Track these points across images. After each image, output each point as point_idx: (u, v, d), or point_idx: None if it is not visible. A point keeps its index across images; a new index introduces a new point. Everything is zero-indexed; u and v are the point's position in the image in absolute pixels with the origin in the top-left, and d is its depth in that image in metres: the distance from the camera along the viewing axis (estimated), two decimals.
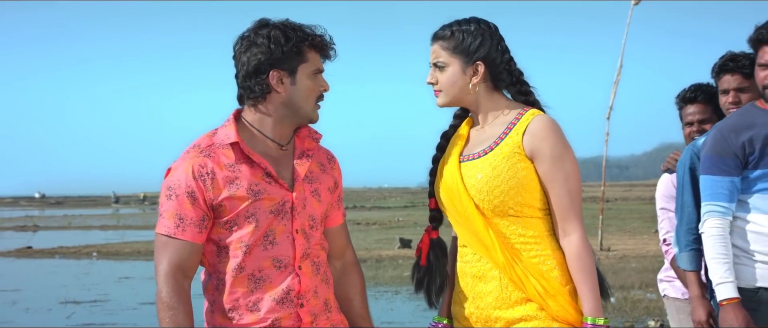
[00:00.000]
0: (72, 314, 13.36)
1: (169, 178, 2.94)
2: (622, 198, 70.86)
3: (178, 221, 2.91)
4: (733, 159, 3.58)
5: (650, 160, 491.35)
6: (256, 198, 2.92)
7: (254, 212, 2.92)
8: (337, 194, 3.15)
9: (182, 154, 2.98)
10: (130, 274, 19.33)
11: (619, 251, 20.66)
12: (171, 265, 2.92)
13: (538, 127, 2.98)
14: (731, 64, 4.00)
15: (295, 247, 2.97)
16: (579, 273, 2.95)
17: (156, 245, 2.97)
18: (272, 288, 2.95)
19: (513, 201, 2.97)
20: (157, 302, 2.93)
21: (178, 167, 2.94)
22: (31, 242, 29.70)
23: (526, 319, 2.96)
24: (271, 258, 2.95)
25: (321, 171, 3.09)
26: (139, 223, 47.01)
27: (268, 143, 3.00)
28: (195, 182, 2.90)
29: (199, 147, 2.95)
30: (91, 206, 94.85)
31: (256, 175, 2.94)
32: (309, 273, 3.00)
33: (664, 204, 4.48)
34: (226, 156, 2.93)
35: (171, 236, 2.91)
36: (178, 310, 2.89)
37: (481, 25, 3.07)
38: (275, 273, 2.95)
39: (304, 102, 2.97)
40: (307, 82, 2.97)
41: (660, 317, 10.86)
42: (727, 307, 3.54)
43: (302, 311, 2.98)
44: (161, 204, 2.95)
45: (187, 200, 2.90)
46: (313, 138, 3.09)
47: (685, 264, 3.95)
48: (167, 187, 2.93)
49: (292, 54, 2.93)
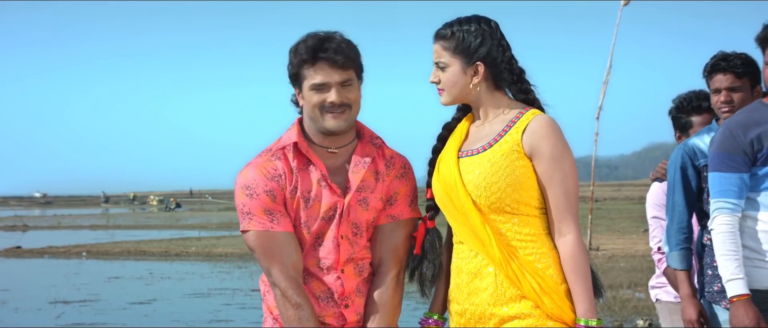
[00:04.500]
0: (61, 314, 13.32)
1: (244, 179, 3.09)
2: (611, 198, 71.00)
3: (270, 215, 3.05)
4: (741, 156, 3.58)
5: (639, 160, 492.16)
6: (311, 204, 3.07)
7: (308, 217, 3.08)
8: (398, 201, 3.21)
9: (254, 157, 3.15)
10: (120, 274, 19.29)
11: (608, 251, 20.71)
12: (284, 263, 3.03)
13: (539, 127, 3.00)
14: (723, 63, 4.00)
15: (340, 251, 3.10)
16: (573, 273, 2.97)
17: (256, 244, 3.06)
18: (317, 287, 3.10)
19: (510, 198, 2.98)
20: (280, 301, 3.02)
21: (251, 169, 3.10)
22: (20, 241, 29.57)
23: (521, 316, 2.97)
24: (316, 259, 3.10)
25: (375, 180, 3.18)
26: (129, 222, 46.92)
27: (321, 149, 3.15)
28: (271, 182, 3.06)
29: (270, 151, 3.13)
30: (80, 205, 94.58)
31: (313, 179, 3.09)
32: (352, 275, 3.13)
33: (655, 213, 4.49)
34: (291, 160, 3.10)
35: (269, 230, 3.04)
36: (305, 308, 3.01)
37: (481, 25, 3.07)
38: (319, 273, 3.10)
39: (312, 113, 3.11)
40: (308, 96, 3.11)
41: (649, 317, 10.90)
42: (738, 304, 3.53)
43: (347, 311, 3.11)
44: (244, 204, 3.07)
45: (268, 198, 3.05)
46: (373, 143, 3.21)
47: (676, 263, 3.96)
48: (245, 186, 3.07)
49: (294, 72, 3.12)
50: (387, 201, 3.18)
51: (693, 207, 3.96)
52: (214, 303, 14.21)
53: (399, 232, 3.19)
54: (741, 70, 3.97)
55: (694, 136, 4.00)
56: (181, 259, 22.86)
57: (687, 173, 3.92)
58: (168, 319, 12.82)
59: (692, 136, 4.01)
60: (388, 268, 3.16)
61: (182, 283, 17.40)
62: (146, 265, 21.34)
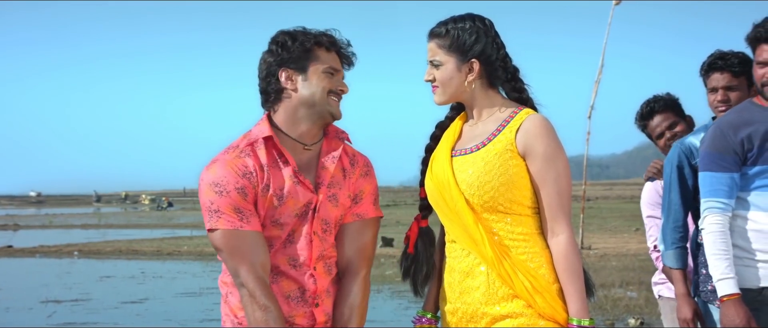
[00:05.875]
0: (53, 314, 13.29)
1: (212, 175, 2.98)
2: (603, 197, 71.08)
3: (239, 213, 2.95)
4: (732, 155, 3.58)
5: (631, 159, 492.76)
6: (284, 201, 2.99)
7: (281, 214, 3.00)
8: (363, 199, 3.16)
9: (220, 154, 3.04)
10: (112, 273, 19.26)
11: (599, 250, 20.74)
12: (253, 263, 2.93)
13: (532, 126, 2.99)
14: (720, 62, 4.00)
15: (312, 248, 3.03)
16: (565, 273, 2.97)
17: (223, 243, 2.96)
18: (288, 286, 3.02)
19: (503, 198, 2.98)
20: (247, 302, 2.93)
21: (219, 166, 2.99)
22: (11, 240, 29.51)
23: (513, 315, 2.97)
24: (287, 257, 3.02)
25: (342, 176, 3.13)
26: (120, 222, 46.83)
27: (294, 143, 3.06)
28: (242, 179, 2.96)
29: (238, 147, 3.02)
30: (72, 204, 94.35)
31: (285, 176, 3.01)
32: (323, 274, 3.06)
33: (650, 211, 4.50)
34: (261, 156, 3.00)
35: (238, 229, 2.94)
36: (272, 310, 2.92)
37: (476, 22, 3.07)
38: (291, 271, 3.02)
39: (316, 96, 3.04)
40: (317, 78, 3.04)
41: (640, 316, 10.92)
42: (728, 303, 3.54)
43: (317, 310, 3.05)
44: (212, 201, 2.96)
45: (239, 196, 2.95)
46: (339, 137, 3.16)
47: (671, 262, 3.97)
48: (214, 183, 2.96)
49: (299, 53, 3.04)
50: (353, 199, 3.14)
51: (689, 206, 3.96)
52: (206, 302, 14.20)
53: (366, 231, 3.16)
54: (738, 69, 3.97)
55: (691, 135, 4.00)
56: (173, 258, 22.83)
57: (683, 171, 3.93)
58: (160, 318, 12.80)
59: (689, 135, 4.02)
60: (357, 268, 3.12)
61: (174, 282, 17.37)
62: (138, 264, 21.30)
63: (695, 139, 3.94)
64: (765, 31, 3.56)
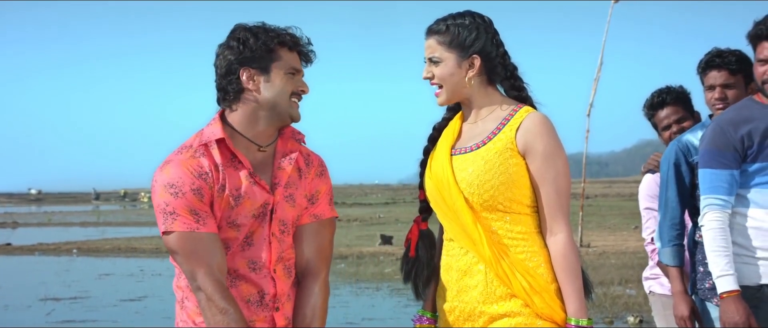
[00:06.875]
0: (52, 311, 13.29)
1: (167, 176, 2.89)
2: (602, 195, 71.04)
3: (195, 215, 2.88)
4: (732, 152, 3.59)
5: (630, 157, 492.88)
6: (240, 202, 2.92)
7: (238, 215, 2.93)
8: (319, 199, 3.10)
9: (173, 154, 2.95)
10: (111, 271, 19.25)
11: (598, 247, 20.74)
12: (210, 266, 2.86)
13: (532, 124, 2.99)
14: (718, 60, 4.00)
15: (271, 250, 2.97)
16: (564, 273, 2.96)
17: (179, 246, 2.89)
18: (248, 290, 2.95)
19: (503, 197, 2.97)
20: (206, 306, 2.85)
21: (174, 167, 2.90)
22: (10, 238, 29.49)
23: (511, 315, 2.97)
24: (247, 259, 2.96)
25: (298, 176, 3.06)
26: (119, 219, 46.81)
27: (248, 144, 2.99)
28: (198, 180, 2.88)
29: (192, 147, 2.94)
30: (71, 202, 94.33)
31: (241, 177, 2.94)
32: (282, 276, 3.00)
33: (648, 204, 4.50)
34: (216, 156, 2.92)
35: (194, 231, 2.86)
36: (232, 312, 2.85)
37: (476, 19, 3.07)
38: (250, 274, 2.95)
39: (278, 99, 2.97)
40: (280, 80, 2.97)
41: (639, 313, 10.91)
42: (728, 300, 3.55)
43: (278, 314, 2.99)
44: (167, 203, 2.88)
45: (195, 197, 2.87)
46: (295, 138, 3.08)
47: (668, 259, 3.97)
48: (169, 185, 2.88)
49: (262, 52, 2.95)
50: (309, 199, 3.08)
51: (686, 203, 3.96)
52: None
53: (324, 232, 3.09)
54: (735, 66, 3.97)
55: (688, 132, 4.00)
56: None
57: (680, 168, 3.93)
58: (159, 316, 12.80)
59: (686, 133, 4.02)
60: (317, 269, 3.07)
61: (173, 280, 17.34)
62: (137, 262, 21.29)
63: (692, 137, 3.94)
64: (766, 29, 3.56)
